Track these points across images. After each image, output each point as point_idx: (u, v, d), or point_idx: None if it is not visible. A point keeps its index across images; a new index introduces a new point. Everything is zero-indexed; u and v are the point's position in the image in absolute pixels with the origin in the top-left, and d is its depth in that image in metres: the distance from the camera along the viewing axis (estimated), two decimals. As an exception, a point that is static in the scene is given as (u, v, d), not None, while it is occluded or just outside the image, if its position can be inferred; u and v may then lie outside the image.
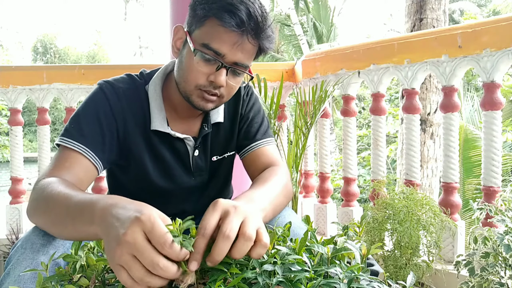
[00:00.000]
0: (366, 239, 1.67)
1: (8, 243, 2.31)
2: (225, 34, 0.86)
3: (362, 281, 0.55)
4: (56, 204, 0.72)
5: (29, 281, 0.71)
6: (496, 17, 1.75)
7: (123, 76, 1.03)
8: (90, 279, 0.59)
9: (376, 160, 2.11)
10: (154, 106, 0.99)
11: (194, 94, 0.92)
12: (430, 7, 4.09)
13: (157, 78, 1.02)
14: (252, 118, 1.11)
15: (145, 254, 0.52)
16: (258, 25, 0.86)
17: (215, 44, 0.86)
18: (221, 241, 0.56)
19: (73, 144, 0.90)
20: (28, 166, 3.11)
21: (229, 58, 0.88)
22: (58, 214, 0.70)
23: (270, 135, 1.12)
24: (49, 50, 22.18)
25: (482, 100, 1.73)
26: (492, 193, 1.68)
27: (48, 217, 0.73)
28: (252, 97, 1.13)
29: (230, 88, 0.94)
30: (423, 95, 4.03)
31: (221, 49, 0.87)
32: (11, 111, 2.47)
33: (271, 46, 0.92)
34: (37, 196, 0.78)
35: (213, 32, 0.87)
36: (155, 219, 0.54)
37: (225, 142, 1.10)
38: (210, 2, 0.87)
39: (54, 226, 0.73)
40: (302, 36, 12.09)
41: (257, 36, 0.88)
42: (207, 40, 0.87)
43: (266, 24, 0.88)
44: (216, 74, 0.89)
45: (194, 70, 0.90)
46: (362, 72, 2.12)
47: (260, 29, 0.87)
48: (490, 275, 1.23)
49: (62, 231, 0.71)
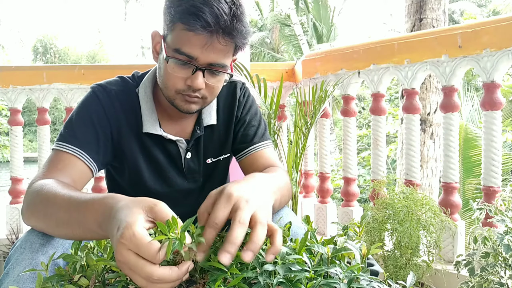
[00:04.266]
0: (366, 239, 1.67)
1: (8, 243, 2.31)
2: (193, 37, 0.84)
3: (362, 281, 0.55)
4: (57, 207, 0.72)
5: (28, 281, 0.71)
6: (496, 17, 1.75)
7: (115, 78, 1.03)
8: (90, 279, 0.59)
9: (376, 160, 2.11)
10: (145, 109, 0.99)
11: (177, 99, 0.92)
12: (430, 7, 4.09)
13: (147, 81, 1.02)
14: (249, 121, 1.10)
15: (138, 270, 0.53)
16: (226, 23, 0.83)
17: (186, 49, 0.85)
18: (237, 227, 0.56)
19: (66, 147, 0.90)
20: (28, 166, 3.11)
21: (202, 60, 0.86)
22: (62, 217, 0.70)
23: (268, 138, 1.11)
24: (49, 50, 22.18)
25: (482, 100, 1.73)
26: (492, 193, 1.68)
27: (50, 221, 0.73)
28: (249, 99, 1.12)
29: (211, 88, 0.92)
30: (423, 95, 4.03)
31: (192, 52, 0.85)
32: (11, 111, 2.47)
33: (245, 41, 0.89)
34: (33, 199, 0.78)
35: (181, 36, 0.85)
36: (135, 235, 0.52)
37: (219, 145, 1.09)
38: (175, 5, 0.85)
39: (58, 228, 0.72)
40: (302, 36, 12.10)
41: (227, 34, 0.84)
42: (178, 45, 0.86)
43: (235, 21, 0.84)
44: (192, 78, 0.88)
45: (171, 76, 0.89)
46: (362, 72, 2.12)
47: (228, 28, 0.83)
48: (490, 275, 1.23)
49: (67, 233, 0.70)
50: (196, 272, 0.58)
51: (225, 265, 0.54)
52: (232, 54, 0.91)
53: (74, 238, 0.69)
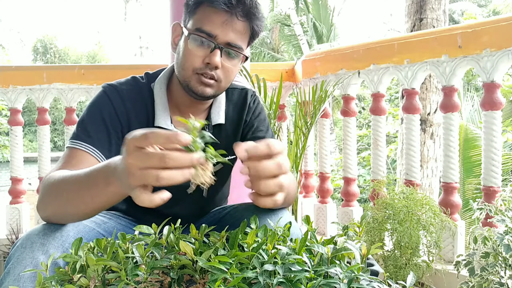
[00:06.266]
0: (366, 239, 1.67)
1: (8, 243, 2.31)
2: (214, 14, 0.91)
3: (362, 281, 0.55)
4: (66, 184, 0.76)
5: (28, 280, 0.71)
6: (496, 17, 1.75)
7: (127, 78, 1.06)
8: (90, 279, 0.59)
9: (376, 160, 2.11)
10: (159, 103, 1.02)
11: (193, 80, 0.95)
12: (430, 7, 4.09)
13: (163, 77, 1.05)
14: (257, 126, 1.12)
15: (150, 157, 0.59)
16: (245, 5, 0.92)
17: (206, 26, 0.92)
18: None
19: (80, 144, 0.92)
20: (28, 166, 3.11)
21: (221, 38, 0.92)
22: (72, 191, 0.74)
23: None
24: (49, 50, 22.17)
25: (482, 100, 1.73)
26: (492, 193, 1.68)
27: (61, 199, 0.76)
28: (258, 106, 1.15)
29: (226, 71, 0.96)
30: (423, 95, 4.03)
31: (212, 30, 0.92)
32: (11, 111, 2.47)
33: (260, 27, 0.97)
34: (44, 187, 0.81)
35: (204, 16, 0.93)
36: (137, 132, 0.61)
37: (226, 145, 1.10)
38: None
39: (69, 203, 0.75)
40: (302, 36, 12.09)
41: (246, 15, 0.93)
42: (199, 24, 0.93)
43: (253, 6, 0.93)
44: (210, 56, 0.92)
45: (190, 55, 0.94)
46: (362, 72, 2.12)
47: (247, 9, 0.92)
48: (490, 275, 1.23)
49: (78, 205, 0.74)
50: (196, 272, 0.58)
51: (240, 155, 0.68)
52: (248, 38, 0.98)
53: (85, 211, 0.74)
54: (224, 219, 1.05)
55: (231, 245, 0.61)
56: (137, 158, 0.60)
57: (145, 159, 0.59)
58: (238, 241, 0.62)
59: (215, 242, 0.66)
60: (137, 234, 0.69)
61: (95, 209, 0.74)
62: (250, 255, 0.57)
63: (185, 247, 0.59)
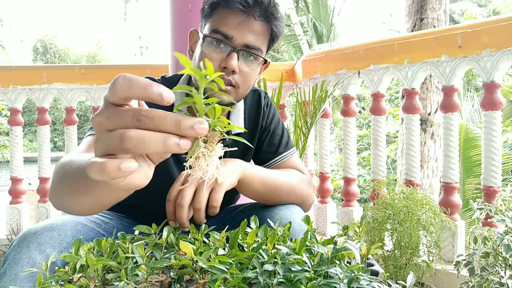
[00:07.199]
0: (366, 239, 1.67)
1: (8, 243, 2.31)
2: (230, 15, 0.88)
3: (362, 281, 0.55)
4: (69, 165, 0.66)
5: (26, 280, 0.71)
6: (496, 17, 1.75)
7: (143, 78, 1.03)
8: (90, 279, 0.59)
9: (376, 160, 2.11)
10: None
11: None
12: (431, 7, 4.09)
13: (182, 82, 1.03)
14: (273, 130, 1.10)
15: (123, 111, 0.43)
16: (263, 3, 0.88)
17: (222, 28, 0.88)
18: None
19: None
20: (28, 166, 3.10)
21: (238, 40, 0.88)
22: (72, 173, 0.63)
23: (291, 145, 1.12)
24: (49, 50, 22.18)
25: (482, 100, 1.73)
26: (492, 193, 1.68)
27: (63, 183, 0.67)
28: (271, 108, 1.13)
29: (244, 76, 0.92)
30: (423, 95, 4.03)
31: (228, 31, 0.88)
32: (11, 111, 2.47)
33: (280, 28, 0.93)
34: (56, 169, 0.74)
35: (220, 18, 0.89)
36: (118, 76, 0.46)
37: (241, 152, 1.09)
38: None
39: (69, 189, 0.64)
40: (302, 36, 12.09)
41: (264, 16, 0.89)
42: (215, 26, 0.89)
43: (271, 6, 0.89)
44: (227, 60, 0.88)
45: (206, 57, 0.90)
46: (362, 72, 2.12)
47: (264, 9, 0.88)
48: (490, 275, 1.23)
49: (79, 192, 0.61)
50: (196, 272, 0.58)
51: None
52: (267, 40, 0.93)
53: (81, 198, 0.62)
54: (237, 217, 1.03)
55: (231, 245, 0.61)
56: (105, 114, 0.44)
57: (116, 115, 0.43)
58: (238, 241, 0.62)
59: (215, 242, 0.66)
60: (137, 234, 0.69)
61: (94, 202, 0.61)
62: (250, 255, 0.57)
63: (185, 247, 0.59)
